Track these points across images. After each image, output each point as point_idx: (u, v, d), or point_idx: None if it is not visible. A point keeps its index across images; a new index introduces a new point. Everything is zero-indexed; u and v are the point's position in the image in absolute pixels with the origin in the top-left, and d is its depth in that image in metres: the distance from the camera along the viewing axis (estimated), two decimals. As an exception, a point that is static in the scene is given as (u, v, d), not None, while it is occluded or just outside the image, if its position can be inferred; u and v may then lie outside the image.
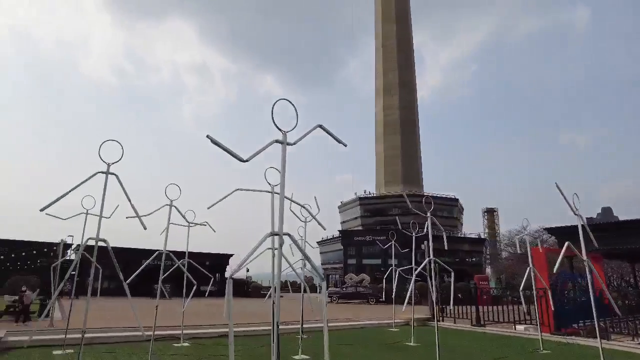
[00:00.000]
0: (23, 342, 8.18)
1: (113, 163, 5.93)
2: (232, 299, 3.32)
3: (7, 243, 31.32)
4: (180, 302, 13.23)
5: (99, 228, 5.84)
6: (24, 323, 18.33)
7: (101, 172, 5.82)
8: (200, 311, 20.85)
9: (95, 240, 5.75)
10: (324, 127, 4.15)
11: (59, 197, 5.21)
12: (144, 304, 24.91)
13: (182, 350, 9.13)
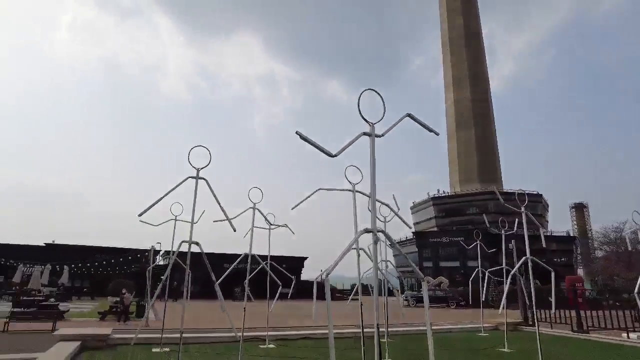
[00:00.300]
0: (130, 340, 8.81)
1: (202, 168, 6.16)
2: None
3: (109, 250, 35.14)
4: (260, 304, 13.60)
5: (192, 231, 6.07)
6: (124, 322, 20.05)
7: (191, 177, 6.06)
8: (280, 313, 21.31)
9: (189, 244, 5.98)
10: (413, 116, 3.88)
11: (154, 203, 5.50)
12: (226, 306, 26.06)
13: (268, 352, 9.27)
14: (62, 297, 28.91)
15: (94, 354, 7.67)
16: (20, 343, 14.46)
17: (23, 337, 15.70)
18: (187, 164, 6.04)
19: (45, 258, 32.57)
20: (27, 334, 16.37)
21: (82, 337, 7.95)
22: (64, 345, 7.33)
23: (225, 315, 8.99)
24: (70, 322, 19.32)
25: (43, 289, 28.66)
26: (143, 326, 19.17)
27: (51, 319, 17.48)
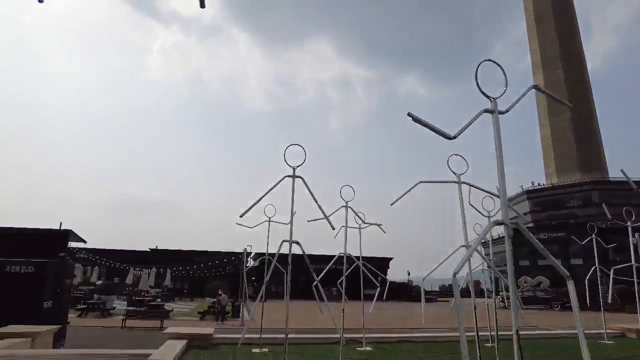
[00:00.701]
0: (230, 340, 9.06)
1: (297, 166, 6.07)
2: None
3: (205, 254, 37.76)
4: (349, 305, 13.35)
5: (292, 229, 5.98)
6: (222, 322, 21.13)
7: (288, 176, 5.99)
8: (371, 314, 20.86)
9: (289, 243, 5.89)
10: (539, 88, 3.29)
11: (254, 203, 5.51)
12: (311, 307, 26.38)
13: (366, 354, 8.95)
14: (166, 298, 31.43)
15: (199, 352, 7.96)
16: (134, 338, 15.87)
17: (136, 333, 17.23)
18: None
19: (151, 262, 35.74)
20: (139, 330, 17.95)
21: (188, 336, 8.33)
22: (173, 343, 7.70)
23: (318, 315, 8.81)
24: (174, 321, 20.85)
25: (150, 290, 31.46)
26: (239, 326, 20.03)
27: (159, 317, 18.99)
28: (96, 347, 12.44)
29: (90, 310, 22.19)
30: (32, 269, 10.21)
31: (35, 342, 7.66)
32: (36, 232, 11.71)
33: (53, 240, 11.46)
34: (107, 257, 33.54)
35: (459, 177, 5.21)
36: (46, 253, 10.83)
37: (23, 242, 11.28)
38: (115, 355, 6.64)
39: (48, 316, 10.24)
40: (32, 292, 10.01)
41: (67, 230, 11.80)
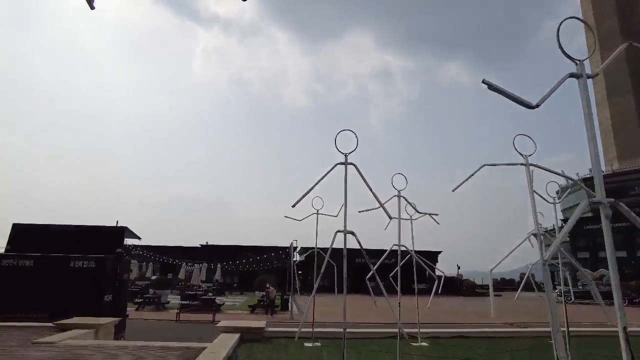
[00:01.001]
0: (282, 334, 9.01)
1: (349, 153, 5.83)
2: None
3: (254, 249, 38.67)
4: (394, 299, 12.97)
5: (346, 220, 5.75)
6: (271, 315, 21.38)
7: (340, 163, 5.77)
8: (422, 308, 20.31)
9: (344, 234, 5.68)
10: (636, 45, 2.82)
11: (305, 193, 5.35)
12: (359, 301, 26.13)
13: (421, 350, 8.60)
14: (217, 292, 32.36)
15: (252, 345, 7.95)
16: (188, 331, 16.36)
17: (190, 326, 17.78)
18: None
19: (202, 257, 36.91)
20: (192, 324, 18.51)
21: (241, 330, 8.35)
22: (226, 336, 7.73)
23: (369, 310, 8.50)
24: (225, 314, 21.34)
25: (202, 284, 32.51)
26: (288, 319, 20.18)
27: (211, 311, 19.48)
28: (153, 339, 12.97)
29: (146, 303, 23.20)
30: (93, 265, 10.68)
31: (98, 333, 7.97)
32: (95, 229, 12.25)
33: (110, 237, 11.94)
34: (160, 253, 35.01)
35: (526, 158, 4.75)
36: (104, 249, 11.30)
37: (84, 238, 11.83)
38: (172, 348, 6.73)
39: (108, 309, 10.69)
40: (93, 286, 10.47)
41: (123, 227, 12.27)
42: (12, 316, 10.07)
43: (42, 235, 11.95)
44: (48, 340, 6.82)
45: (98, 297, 10.44)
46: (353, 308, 23.65)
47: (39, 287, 10.37)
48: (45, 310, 10.19)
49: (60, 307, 10.23)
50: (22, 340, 7.03)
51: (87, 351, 6.37)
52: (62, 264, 10.56)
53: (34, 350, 6.32)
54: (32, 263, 10.59)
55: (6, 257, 10.70)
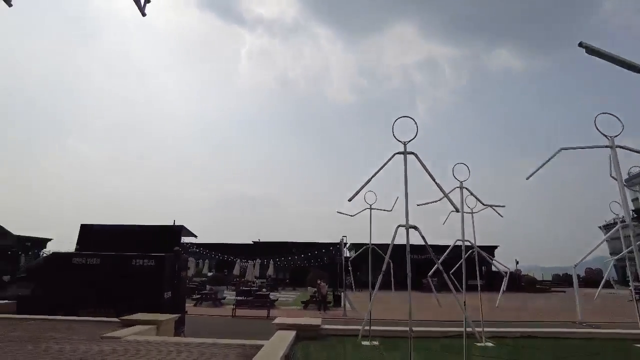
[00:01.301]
0: (337, 331, 8.84)
1: (408, 141, 5.51)
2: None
3: (304, 245, 39.12)
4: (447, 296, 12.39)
5: (407, 213, 5.44)
6: (324, 311, 21.35)
7: (399, 153, 5.47)
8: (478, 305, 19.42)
9: (406, 228, 5.38)
10: None
11: (362, 187, 5.11)
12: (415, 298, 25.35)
13: (486, 351, 8.08)
14: (270, 288, 32.92)
15: (309, 343, 7.83)
16: (244, 327, 16.68)
17: (246, 322, 18.13)
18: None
19: (254, 254, 37.71)
20: (248, 319, 18.87)
21: (297, 327, 8.27)
22: (283, 334, 7.67)
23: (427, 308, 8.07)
24: (279, 310, 21.59)
25: (256, 280, 33.22)
26: (341, 316, 20.04)
27: (265, 307, 19.78)
28: (212, 335, 13.33)
29: (204, 300, 24.00)
30: (153, 263, 11.09)
31: (159, 329, 8.21)
32: (154, 228, 12.74)
33: (169, 236, 12.35)
34: (215, 250, 36.18)
35: (612, 140, 4.17)
36: (163, 248, 11.70)
37: (144, 237, 12.34)
38: (231, 345, 6.76)
39: (168, 305, 11.06)
40: (154, 284, 10.88)
41: (180, 226, 12.65)
42: (85, 310, 10.70)
43: (107, 235, 12.61)
44: (114, 335, 7.10)
45: (158, 294, 10.83)
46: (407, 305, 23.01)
47: (105, 284, 10.93)
48: (111, 306, 10.72)
49: (124, 303, 10.71)
50: (92, 334, 7.38)
51: (150, 346, 6.54)
52: (125, 262, 11.07)
53: (102, 344, 6.58)
54: (99, 261, 11.18)
55: (77, 256, 11.38)
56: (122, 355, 5.94)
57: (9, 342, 6.82)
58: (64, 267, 11.19)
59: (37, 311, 10.19)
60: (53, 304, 10.63)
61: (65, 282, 11.01)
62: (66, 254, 11.45)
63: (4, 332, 7.68)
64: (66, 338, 7.13)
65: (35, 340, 6.95)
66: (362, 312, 21.53)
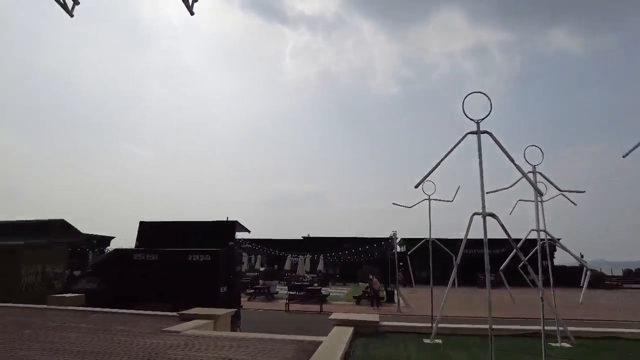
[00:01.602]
0: (396, 328, 8.44)
1: (481, 120, 4.99)
2: None
3: (353, 240, 38.90)
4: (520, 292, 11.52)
5: (484, 200, 4.93)
6: (377, 307, 20.92)
7: (471, 133, 4.98)
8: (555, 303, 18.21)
9: (483, 216, 4.89)
10: None
11: (430, 171, 4.69)
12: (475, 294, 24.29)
13: (564, 352, 7.35)
14: (321, 283, 32.93)
15: (367, 341, 7.51)
16: (298, 321, 16.65)
17: (299, 316, 18.12)
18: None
19: (304, 249, 37.91)
20: (301, 314, 18.88)
21: (355, 323, 7.97)
22: (340, 330, 7.41)
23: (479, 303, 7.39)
24: (332, 305, 21.44)
25: (306, 275, 33.36)
26: (395, 312, 19.53)
27: (318, 302, 19.68)
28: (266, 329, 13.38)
29: (257, 294, 24.38)
30: (209, 258, 11.23)
31: (217, 324, 8.22)
32: (208, 224, 12.93)
33: (223, 231, 12.47)
34: (266, 245, 36.75)
35: None
36: (218, 243, 11.83)
37: (199, 233, 12.55)
38: (288, 342, 6.59)
39: (224, 300, 11.16)
40: (210, 278, 11.01)
41: (234, 221, 12.74)
42: (144, 304, 11.05)
43: (164, 231, 12.96)
44: (174, 329, 7.16)
45: (214, 288, 10.95)
46: (466, 301, 22.11)
47: (163, 279, 11.21)
48: (169, 300, 10.98)
49: (181, 298, 10.93)
50: (153, 328, 7.51)
51: (207, 341, 6.51)
52: (181, 257, 11.29)
53: (163, 338, 6.64)
54: (157, 257, 11.50)
55: (137, 252, 11.79)
56: (181, 350, 5.93)
57: (79, 332, 7.08)
58: (125, 262, 11.62)
59: (102, 304, 10.64)
60: (116, 297, 11.06)
61: (127, 277, 11.42)
62: (127, 250, 11.91)
63: (76, 322, 8.02)
64: (130, 331, 7.30)
65: (104, 332, 7.18)
66: (416, 308, 20.86)
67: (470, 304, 23.01)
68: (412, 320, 14.63)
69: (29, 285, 12.60)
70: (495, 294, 9.52)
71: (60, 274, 13.92)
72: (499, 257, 34.98)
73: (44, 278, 13.11)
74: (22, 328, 7.38)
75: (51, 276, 13.42)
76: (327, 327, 7.76)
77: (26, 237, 13.20)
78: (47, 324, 7.76)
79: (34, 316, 8.74)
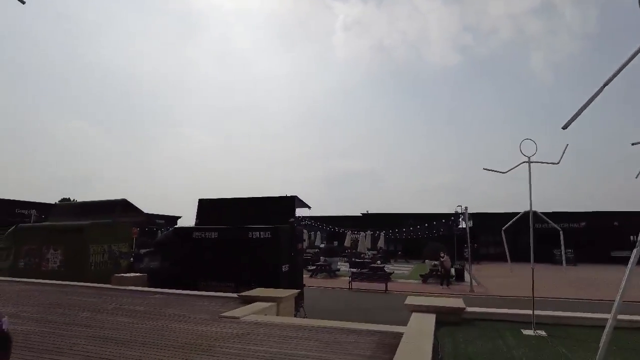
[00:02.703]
0: (483, 315, 7.14)
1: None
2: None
3: (414, 216, 37.33)
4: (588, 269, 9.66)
5: None
6: (447, 286, 19.53)
7: None
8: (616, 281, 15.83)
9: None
10: None
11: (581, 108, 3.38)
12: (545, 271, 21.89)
13: None
14: (382, 260, 31.88)
15: (453, 331, 6.37)
16: (363, 301, 15.82)
17: (363, 295, 17.29)
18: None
19: (364, 226, 36.90)
20: (365, 293, 18.04)
21: (436, 310, 6.83)
22: (421, 318, 6.33)
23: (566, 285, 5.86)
24: (396, 284, 20.38)
25: (367, 251, 32.44)
26: (468, 292, 18.06)
27: (381, 280, 18.68)
28: (332, 310, 12.56)
29: (319, 271, 23.90)
30: (269, 235, 10.54)
31: (279, 307, 7.47)
32: (268, 200, 12.23)
33: (283, 207, 11.73)
34: (326, 222, 36.20)
35: None
36: (278, 219, 11.11)
37: (258, 209, 11.91)
38: (363, 332, 5.62)
39: (287, 279, 10.48)
40: (271, 257, 10.34)
41: (293, 196, 11.92)
42: (205, 283, 10.67)
43: (223, 208, 12.49)
44: (234, 315, 6.47)
45: (276, 267, 10.29)
46: (546, 280, 20.02)
47: (223, 257, 10.73)
48: (231, 279, 10.50)
49: (243, 277, 10.39)
50: (211, 313, 6.89)
51: (270, 330, 5.72)
52: (241, 234, 10.71)
53: (221, 325, 5.97)
54: (217, 234, 11.02)
55: (196, 230, 11.40)
56: (238, 341, 5.18)
57: (134, 317, 6.62)
58: (185, 241, 11.27)
59: (163, 283, 10.40)
60: (176, 277, 10.78)
61: (187, 256, 11.08)
62: (187, 229, 11.58)
63: (133, 305, 7.65)
64: (187, 316, 6.72)
65: (159, 317, 6.67)
66: (491, 288, 19.19)
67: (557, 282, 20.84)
68: (492, 304, 13.18)
69: (97, 264, 12.77)
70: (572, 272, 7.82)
71: (126, 253, 14.05)
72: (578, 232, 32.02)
73: (110, 257, 13.24)
74: (81, 310, 7.09)
75: (117, 255, 13.55)
76: (395, 308, 6.76)
77: (92, 217, 13.36)
78: (105, 307, 7.44)
79: (96, 296, 8.55)
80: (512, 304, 14.02)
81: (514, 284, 20.91)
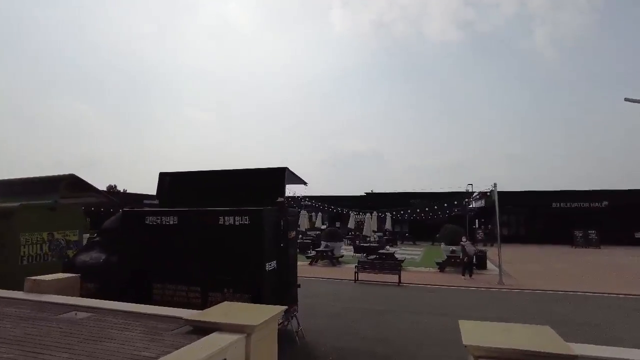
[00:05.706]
0: None
1: None
2: None
3: (422, 195, 34.61)
4: (616, 253, 6.77)
5: None
6: (470, 277, 16.69)
7: None
8: None
9: None
10: None
11: None
12: (562, 252, 19.14)
13: None
14: (389, 242, 29.14)
15: None
16: (374, 299, 12.93)
17: (373, 290, 14.41)
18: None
19: (368, 206, 34.00)
20: (374, 286, 15.20)
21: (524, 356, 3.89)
22: None
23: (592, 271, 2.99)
24: (409, 273, 17.55)
25: (373, 234, 29.61)
26: (497, 283, 15.23)
27: (392, 269, 15.83)
28: (335, 318, 9.14)
29: (319, 258, 21.09)
30: (247, 220, 7.56)
31: (250, 342, 4.52)
32: (249, 173, 9.23)
33: (270, 183, 8.75)
34: (328, 203, 33.29)
35: None
36: (264, 199, 8.16)
37: (237, 187, 8.94)
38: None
39: (272, 281, 7.53)
40: (249, 250, 7.41)
41: (283, 167, 8.88)
42: (162, 286, 7.81)
43: (189, 185, 9.51)
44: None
45: (257, 265, 7.36)
46: (581, 266, 17.20)
47: (185, 251, 7.80)
48: (194, 281, 7.60)
49: (212, 279, 7.50)
50: (134, 353, 3.91)
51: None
52: (209, 220, 7.73)
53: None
54: (176, 220, 8.03)
55: (150, 214, 8.39)
56: None
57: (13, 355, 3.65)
58: (136, 228, 8.31)
59: (103, 287, 7.51)
60: (124, 276, 7.90)
61: (138, 249, 8.15)
62: (138, 212, 8.52)
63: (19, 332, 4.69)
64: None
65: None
66: (521, 279, 16.32)
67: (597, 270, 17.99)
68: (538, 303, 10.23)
69: (32, 258, 9.87)
70: (588, 254, 4.97)
71: (77, 242, 11.15)
72: (600, 212, 27.73)
73: (52, 248, 10.34)
74: None
75: (62, 245, 10.65)
76: (417, 311, 3.80)
77: (27, 198, 10.38)
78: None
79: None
80: (563, 302, 11.13)
81: (547, 272, 18.09)
